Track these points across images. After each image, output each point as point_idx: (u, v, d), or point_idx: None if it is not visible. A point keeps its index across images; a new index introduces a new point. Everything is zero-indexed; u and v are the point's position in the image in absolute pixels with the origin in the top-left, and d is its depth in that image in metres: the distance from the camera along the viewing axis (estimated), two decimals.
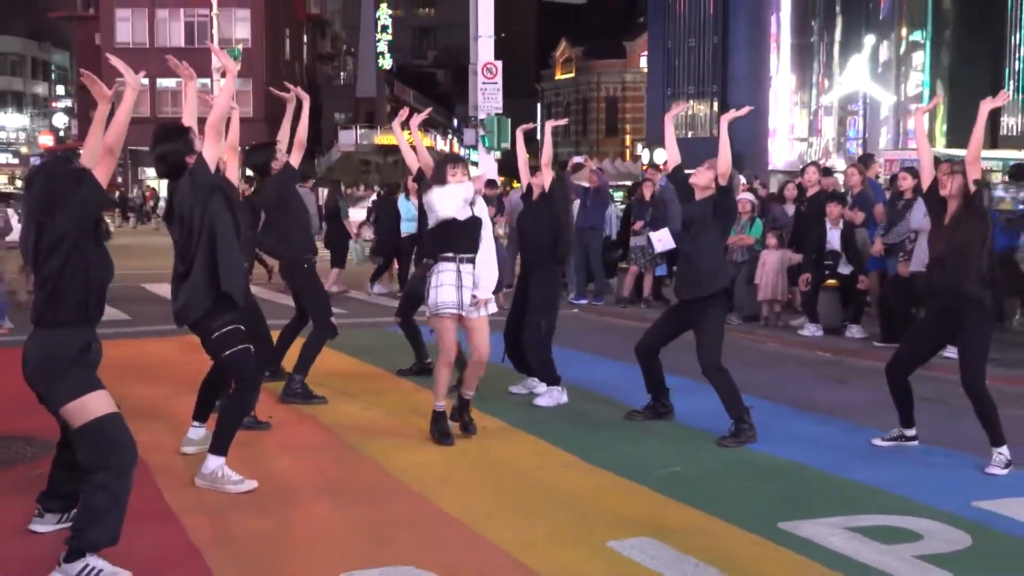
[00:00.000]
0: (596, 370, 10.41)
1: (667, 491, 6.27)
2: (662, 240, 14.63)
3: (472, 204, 7.35)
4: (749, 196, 14.25)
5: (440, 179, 7.33)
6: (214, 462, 6.26)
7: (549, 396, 8.83)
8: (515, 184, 11.94)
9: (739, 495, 6.19)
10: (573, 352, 10.77)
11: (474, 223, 7.36)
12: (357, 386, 9.61)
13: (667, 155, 8.15)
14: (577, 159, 17.53)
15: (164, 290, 17.43)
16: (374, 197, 19.00)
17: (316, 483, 6.51)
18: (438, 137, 69.91)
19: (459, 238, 7.31)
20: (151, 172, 35.49)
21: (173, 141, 6.14)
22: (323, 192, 19.13)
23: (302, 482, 6.55)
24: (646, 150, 48.54)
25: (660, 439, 7.67)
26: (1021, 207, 12.56)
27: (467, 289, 7.30)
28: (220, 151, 6.43)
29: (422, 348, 9.99)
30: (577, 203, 15.80)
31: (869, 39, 49.06)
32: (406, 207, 16.49)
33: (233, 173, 7.11)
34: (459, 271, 7.30)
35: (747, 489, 6.35)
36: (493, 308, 7.52)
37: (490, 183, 14.16)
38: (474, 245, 7.38)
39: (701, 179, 7.76)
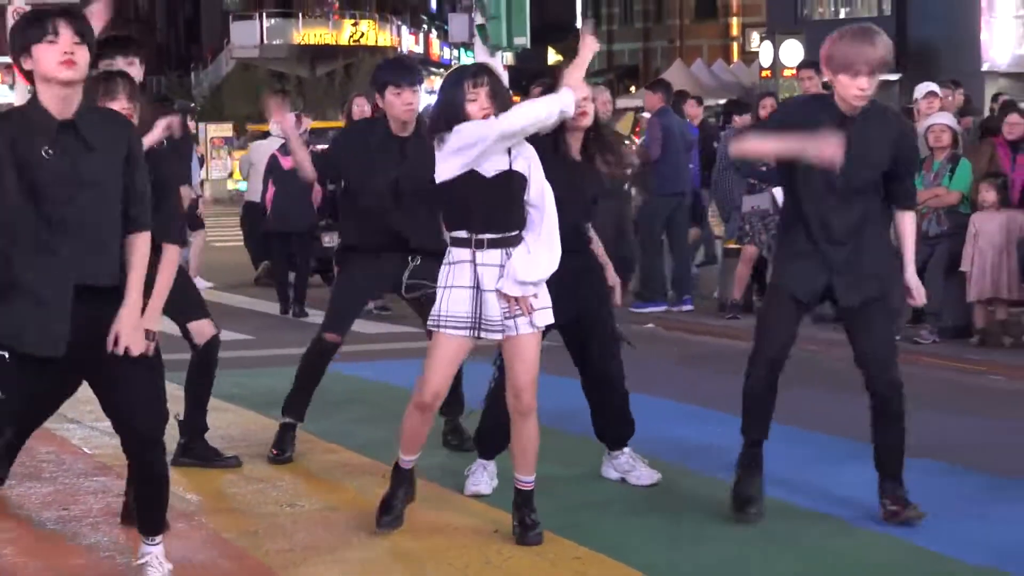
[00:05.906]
0: (690, 428, 9.49)
1: None
2: None
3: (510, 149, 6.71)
4: (946, 121, 13.37)
5: (452, 111, 6.65)
6: None
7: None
8: None
9: None
10: (647, 398, 9.50)
11: (508, 181, 6.67)
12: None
13: None
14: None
15: None
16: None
17: None
18: (403, 30, 65.00)
19: (480, 205, 6.66)
20: None
21: None
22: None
23: None
24: (765, 42, 44.79)
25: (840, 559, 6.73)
26: None
27: (491, 295, 6.73)
28: None
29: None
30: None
31: None
32: None
33: None
34: (475, 264, 6.54)
35: None
36: (547, 318, 6.85)
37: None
38: (510, 218, 6.76)
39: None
